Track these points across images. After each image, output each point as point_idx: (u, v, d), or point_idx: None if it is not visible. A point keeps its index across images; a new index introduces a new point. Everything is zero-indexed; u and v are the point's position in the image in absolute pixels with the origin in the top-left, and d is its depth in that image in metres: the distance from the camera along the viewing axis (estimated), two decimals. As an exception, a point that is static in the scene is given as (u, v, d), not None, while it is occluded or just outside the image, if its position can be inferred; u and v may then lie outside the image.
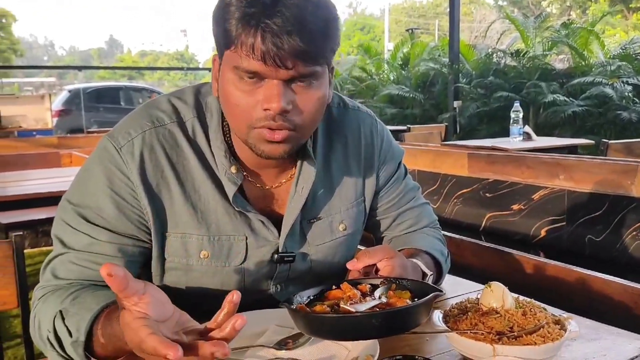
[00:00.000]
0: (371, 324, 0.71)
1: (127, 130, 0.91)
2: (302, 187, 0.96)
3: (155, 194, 0.90)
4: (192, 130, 0.93)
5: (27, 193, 2.60)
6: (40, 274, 0.92)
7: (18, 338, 2.72)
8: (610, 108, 7.19)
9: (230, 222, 0.94)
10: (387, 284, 0.83)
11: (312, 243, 1.01)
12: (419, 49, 10.74)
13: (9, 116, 7.98)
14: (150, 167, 0.90)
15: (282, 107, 0.80)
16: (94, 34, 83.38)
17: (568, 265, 1.27)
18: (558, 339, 0.76)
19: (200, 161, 0.92)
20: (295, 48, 0.76)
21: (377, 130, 1.09)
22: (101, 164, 0.90)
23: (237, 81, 0.82)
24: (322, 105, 0.87)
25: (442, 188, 3.82)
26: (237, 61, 0.80)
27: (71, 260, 0.89)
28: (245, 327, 0.89)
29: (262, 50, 0.76)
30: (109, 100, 13.64)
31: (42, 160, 3.57)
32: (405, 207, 1.14)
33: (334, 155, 1.03)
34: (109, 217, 0.89)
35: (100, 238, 0.88)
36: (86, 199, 0.90)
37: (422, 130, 6.19)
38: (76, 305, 0.79)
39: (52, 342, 0.80)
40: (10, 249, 1.41)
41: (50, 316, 0.81)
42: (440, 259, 1.07)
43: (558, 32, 8.54)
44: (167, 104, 0.95)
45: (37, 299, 0.88)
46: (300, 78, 0.81)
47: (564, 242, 3.08)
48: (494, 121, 8.05)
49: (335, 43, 0.83)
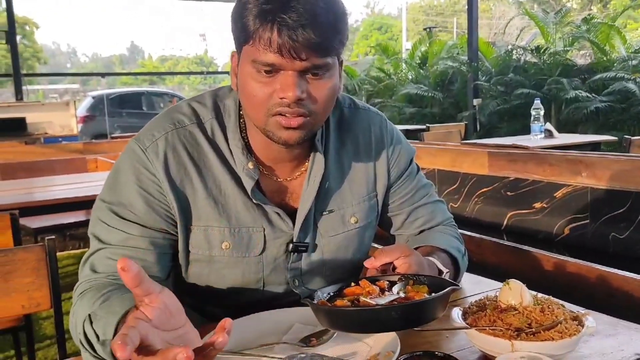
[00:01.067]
0: (390, 316, 0.73)
1: (152, 133, 0.99)
2: (314, 180, 1.02)
3: (180, 190, 0.97)
4: (210, 130, 1.01)
5: (55, 198, 2.66)
6: (80, 271, 0.97)
7: (48, 339, 2.79)
8: (633, 103, 7.07)
9: (248, 214, 1.00)
10: (404, 281, 0.86)
11: (324, 234, 1.06)
12: (437, 48, 10.67)
13: (35, 123, 8.14)
14: (174, 165, 0.97)
15: (297, 95, 0.86)
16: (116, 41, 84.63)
17: (587, 263, 1.27)
18: (575, 334, 0.78)
19: (219, 158, 0.99)
20: (309, 41, 0.83)
21: (387, 128, 1.14)
22: (129, 164, 0.97)
23: (255, 74, 0.88)
24: (334, 94, 0.93)
25: (462, 187, 3.81)
26: (255, 54, 0.86)
27: (108, 255, 0.94)
28: (270, 324, 0.93)
29: (279, 43, 0.83)
30: (131, 105, 13.84)
31: (68, 166, 3.65)
32: (418, 204, 1.16)
33: (345, 152, 1.08)
34: (140, 213, 0.95)
35: (133, 233, 0.95)
36: (118, 197, 0.96)
37: (441, 129, 6.17)
38: (104, 308, 0.83)
39: (84, 344, 0.84)
40: (43, 252, 1.46)
41: (82, 319, 0.85)
42: (457, 255, 1.09)
43: (579, 28, 8.41)
44: (188, 107, 1.03)
45: (77, 296, 0.92)
46: (313, 69, 0.87)
47: (588, 240, 3.05)
48: (514, 119, 7.96)
49: (344, 36, 0.89)
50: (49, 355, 2.65)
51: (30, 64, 28.09)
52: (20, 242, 2.03)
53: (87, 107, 13.10)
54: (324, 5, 0.84)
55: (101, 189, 1.01)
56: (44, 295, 1.47)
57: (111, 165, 3.78)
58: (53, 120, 8.43)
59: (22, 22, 27.56)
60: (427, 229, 1.17)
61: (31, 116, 8.07)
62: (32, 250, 1.46)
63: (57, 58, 52.31)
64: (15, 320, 1.83)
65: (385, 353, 0.80)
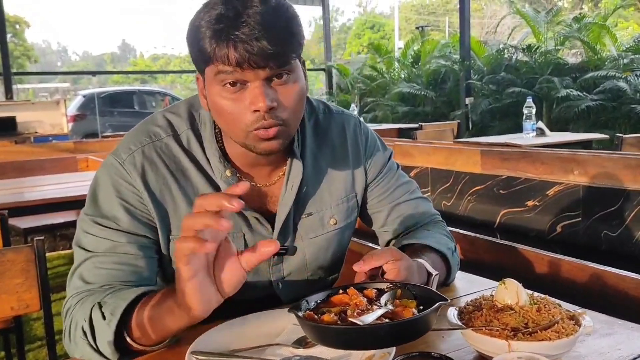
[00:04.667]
0: (378, 335, 0.73)
1: (128, 146, 1.00)
2: (292, 185, 1.04)
3: (159, 201, 0.99)
4: (187, 141, 1.02)
5: (45, 198, 2.64)
6: (67, 285, 0.97)
7: (39, 340, 2.77)
8: (625, 102, 7.11)
9: None
10: (393, 289, 0.84)
11: (304, 237, 1.08)
12: (430, 47, 10.68)
13: (25, 122, 8.08)
14: (152, 177, 0.99)
15: (267, 104, 0.87)
16: (107, 39, 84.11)
17: (582, 261, 1.27)
18: (572, 334, 0.77)
19: (197, 168, 1.01)
20: (266, 51, 0.84)
21: (361, 129, 1.17)
22: (108, 177, 0.99)
23: (222, 92, 0.89)
24: (303, 97, 0.94)
25: (455, 185, 3.81)
26: (218, 72, 0.87)
27: (97, 265, 0.94)
28: (264, 326, 0.92)
29: (237, 58, 0.84)
30: (122, 104, 13.77)
31: (59, 165, 3.62)
32: (399, 200, 1.17)
33: (322, 156, 1.11)
34: (124, 223, 0.96)
35: (121, 240, 0.96)
36: (101, 209, 0.97)
37: (434, 127, 6.17)
38: (113, 297, 0.88)
39: (86, 331, 0.86)
40: (32, 253, 1.44)
41: (88, 309, 0.88)
42: (447, 253, 1.08)
43: (570, 27, 8.45)
44: (163, 119, 1.04)
45: (73, 305, 0.93)
46: (278, 75, 0.88)
47: (580, 237, 3.06)
48: (506, 117, 7.99)
49: (300, 37, 0.90)
50: (39, 357, 2.63)
51: (20, 62, 27.86)
52: (9, 242, 2.01)
53: (78, 106, 13.02)
54: (272, 12, 0.86)
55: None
56: (33, 297, 1.45)
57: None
58: (43, 119, 8.37)
59: (13, 20, 27.34)
60: (412, 225, 1.17)
61: (21, 115, 8.01)
62: (21, 251, 1.44)
63: (47, 57, 51.95)
64: (4, 321, 1.81)
65: (380, 354, 0.79)
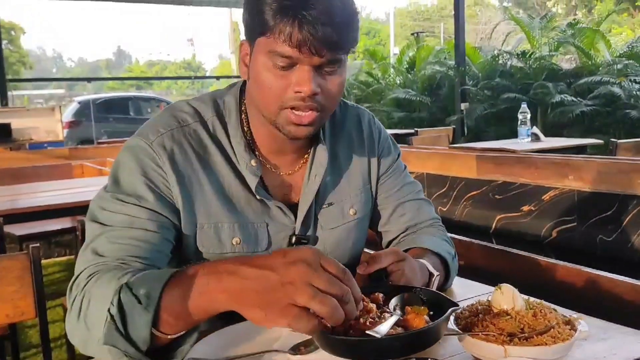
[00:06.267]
0: (393, 346, 0.72)
1: (156, 129, 0.98)
2: (315, 175, 1.04)
3: (187, 185, 0.96)
4: (212, 128, 1.02)
5: (40, 205, 2.62)
6: (79, 260, 0.89)
7: (34, 348, 2.75)
8: (619, 107, 7.15)
9: (252, 210, 1.01)
10: (400, 293, 0.85)
11: (325, 227, 1.07)
12: (425, 53, 10.74)
13: (20, 129, 8.04)
14: (181, 160, 0.97)
15: (312, 89, 0.88)
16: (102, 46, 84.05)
17: (577, 266, 1.28)
18: (568, 339, 0.77)
19: (222, 156, 1.00)
20: (328, 37, 0.85)
21: (375, 123, 1.19)
22: (134, 157, 0.95)
23: (270, 66, 0.89)
24: (343, 89, 0.96)
25: (451, 191, 3.82)
26: (273, 47, 0.87)
27: (111, 239, 0.89)
28: (261, 332, 0.91)
29: (299, 39, 0.85)
30: (118, 110, 13.76)
31: (54, 172, 3.61)
32: (405, 199, 1.18)
33: (340, 147, 1.12)
34: (147, 202, 0.93)
35: (141, 216, 0.91)
36: (124, 188, 0.93)
37: (429, 133, 6.19)
38: (142, 277, 0.77)
39: (114, 315, 0.74)
40: (27, 260, 1.44)
41: (110, 290, 0.77)
42: (448, 258, 1.09)
43: (564, 33, 8.51)
44: (188, 106, 1.03)
45: (85, 279, 0.84)
46: (328, 65, 0.90)
47: (576, 242, 3.07)
48: (501, 123, 8.03)
49: (357, 34, 0.92)
50: (34, 365, 2.61)
51: (15, 69, 27.82)
52: (4, 249, 2.00)
53: (73, 113, 13.00)
54: (340, 4, 0.87)
55: (87, 195, 0.98)
56: (28, 304, 1.45)
57: (98, 171, 3.77)
58: (38, 125, 8.34)
59: (8, 26, 27.30)
60: (413, 226, 1.17)
61: (16, 122, 7.98)
62: (16, 259, 1.43)
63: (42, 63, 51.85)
64: (-1, 329, 1.80)
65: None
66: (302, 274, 0.66)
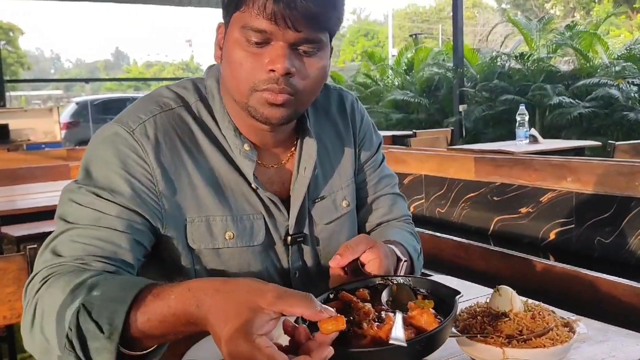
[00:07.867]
0: (415, 350, 0.69)
1: (137, 115, 0.90)
2: (305, 168, 0.97)
3: (174, 178, 0.89)
4: (197, 112, 0.94)
5: (37, 206, 2.62)
6: (38, 257, 0.83)
7: (31, 350, 2.74)
8: (617, 109, 7.16)
9: (246, 201, 0.94)
10: (386, 286, 0.83)
11: (319, 222, 1.02)
12: (423, 54, 10.74)
13: (18, 129, 8.02)
14: (167, 150, 0.89)
15: (286, 67, 0.82)
16: (100, 47, 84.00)
17: (575, 268, 1.28)
18: (567, 341, 0.77)
19: (211, 142, 0.93)
20: (307, 10, 0.79)
21: (358, 107, 1.12)
22: (113, 147, 0.87)
23: (243, 42, 0.83)
24: (323, 75, 0.89)
25: (449, 192, 3.82)
26: (247, 20, 0.82)
27: (74, 238, 0.82)
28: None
29: (274, 9, 0.79)
30: (116, 111, 13.47)
31: (51, 173, 3.60)
32: (380, 193, 1.13)
33: (326, 136, 1.05)
34: (122, 198, 0.84)
35: (110, 212, 0.83)
36: (98, 182, 0.85)
37: (428, 134, 6.20)
38: (101, 297, 0.70)
39: (72, 340, 0.69)
40: (24, 261, 1.43)
41: (65, 301, 0.72)
42: (414, 255, 1.04)
43: (562, 35, 8.51)
44: (169, 91, 0.96)
45: (39, 282, 0.78)
46: (306, 43, 0.83)
47: (573, 244, 3.07)
48: (499, 124, 8.03)
49: (341, 14, 0.87)
50: (31, 366, 2.60)
51: (13, 70, 27.78)
52: (2, 251, 2.00)
53: (71, 113, 12.99)
54: None
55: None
56: (25, 306, 1.44)
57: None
58: (36, 126, 8.32)
59: (7, 27, 27.28)
60: (386, 221, 1.13)
61: (14, 123, 7.96)
62: (13, 260, 1.43)
63: (40, 64, 51.81)
64: (-4, 331, 1.79)
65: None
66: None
